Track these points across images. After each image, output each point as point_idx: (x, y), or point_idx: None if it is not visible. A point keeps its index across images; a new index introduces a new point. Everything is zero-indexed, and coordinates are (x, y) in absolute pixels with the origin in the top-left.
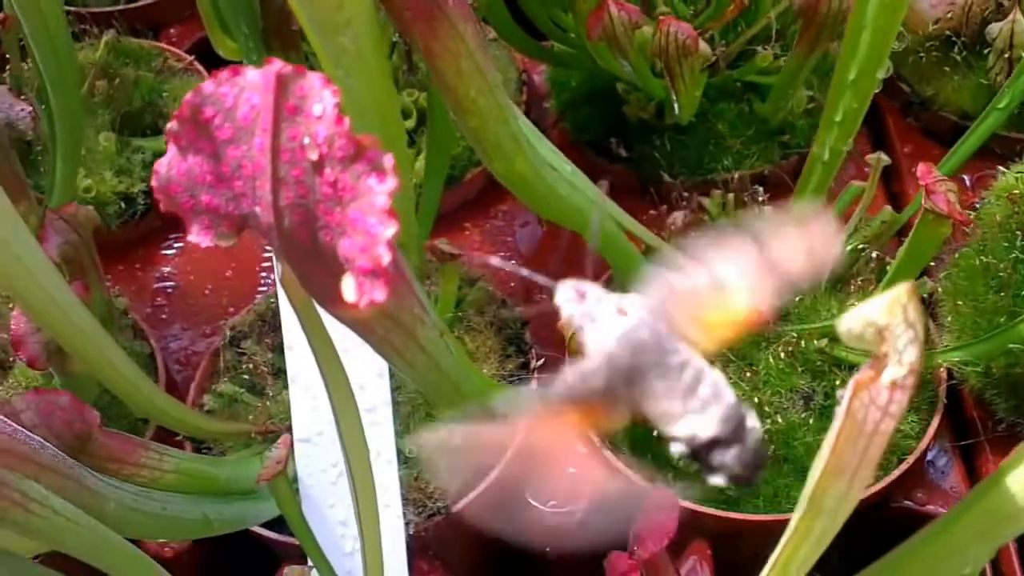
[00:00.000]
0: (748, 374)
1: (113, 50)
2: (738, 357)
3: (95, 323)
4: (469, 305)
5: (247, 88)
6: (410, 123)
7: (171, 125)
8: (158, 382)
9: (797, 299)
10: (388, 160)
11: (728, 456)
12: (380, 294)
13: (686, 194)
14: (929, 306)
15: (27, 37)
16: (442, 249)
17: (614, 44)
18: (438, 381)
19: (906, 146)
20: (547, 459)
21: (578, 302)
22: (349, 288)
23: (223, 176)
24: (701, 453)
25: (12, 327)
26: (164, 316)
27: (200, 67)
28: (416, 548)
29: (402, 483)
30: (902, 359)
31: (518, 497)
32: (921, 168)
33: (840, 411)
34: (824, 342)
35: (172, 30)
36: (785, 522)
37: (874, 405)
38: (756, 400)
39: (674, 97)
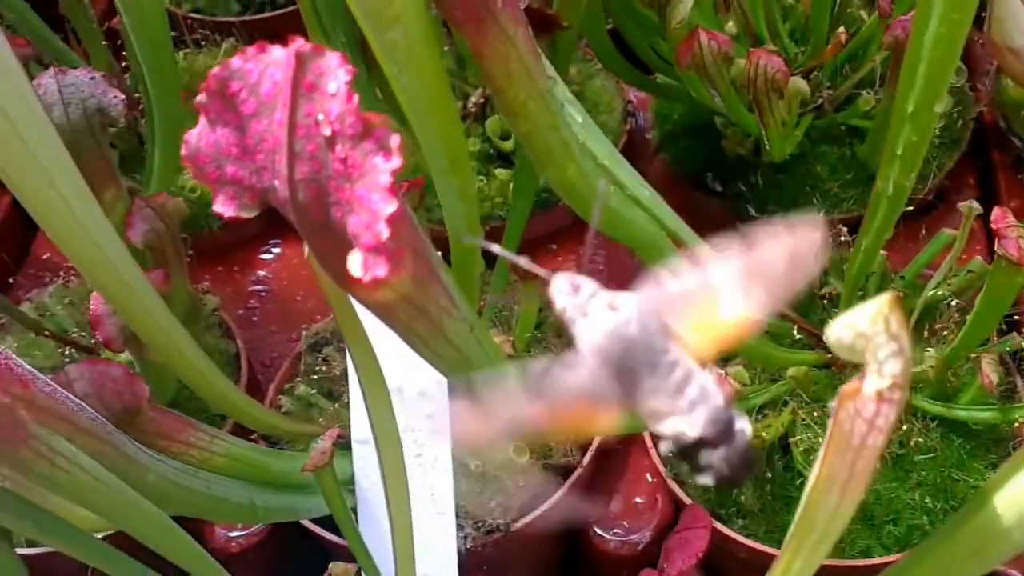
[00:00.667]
0: (816, 414)
1: None
2: (811, 399)
3: (168, 313)
4: (549, 327)
5: (271, 65)
6: (509, 144)
7: (200, 98)
8: (239, 381)
9: None
10: (394, 140)
11: (715, 457)
12: (382, 270)
13: None
14: (1017, 361)
15: (127, 31)
16: (523, 268)
17: (703, 73)
18: (467, 376)
19: (1013, 201)
20: None
21: (571, 294)
22: (355, 264)
23: (247, 149)
24: (688, 452)
25: (91, 307)
26: (255, 318)
27: None
28: (472, 564)
29: (461, 496)
30: (883, 370)
31: None
32: (995, 212)
33: (830, 422)
34: None
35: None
36: (840, 568)
37: (860, 417)
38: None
39: (763, 131)
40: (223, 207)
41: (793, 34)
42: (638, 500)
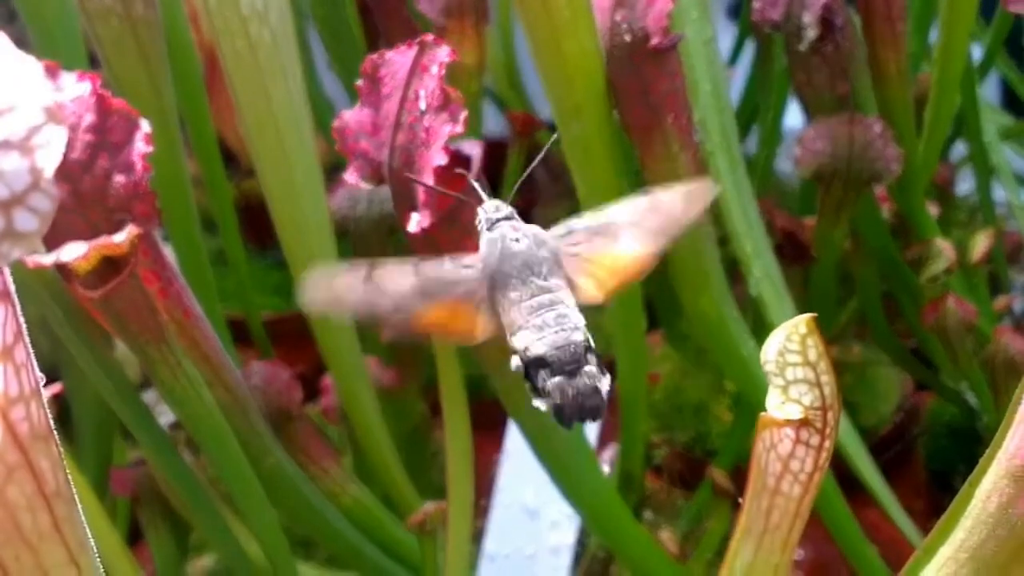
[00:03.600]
0: None
1: None
2: None
3: (374, 403)
4: None
5: (411, 56)
6: None
7: (359, 81)
8: None
9: None
10: (463, 114)
11: (552, 383)
12: (426, 219)
13: None
14: None
15: None
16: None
17: (944, 338)
18: (531, 416)
19: None
20: None
21: (491, 212)
22: (412, 222)
23: (377, 126)
24: (530, 371)
25: (325, 378)
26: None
27: None
28: None
29: None
30: (789, 391)
31: None
32: None
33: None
34: None
35: None
36: None
37: (774, 452)
38: None
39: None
40: (350, 176)
41: None
42: None
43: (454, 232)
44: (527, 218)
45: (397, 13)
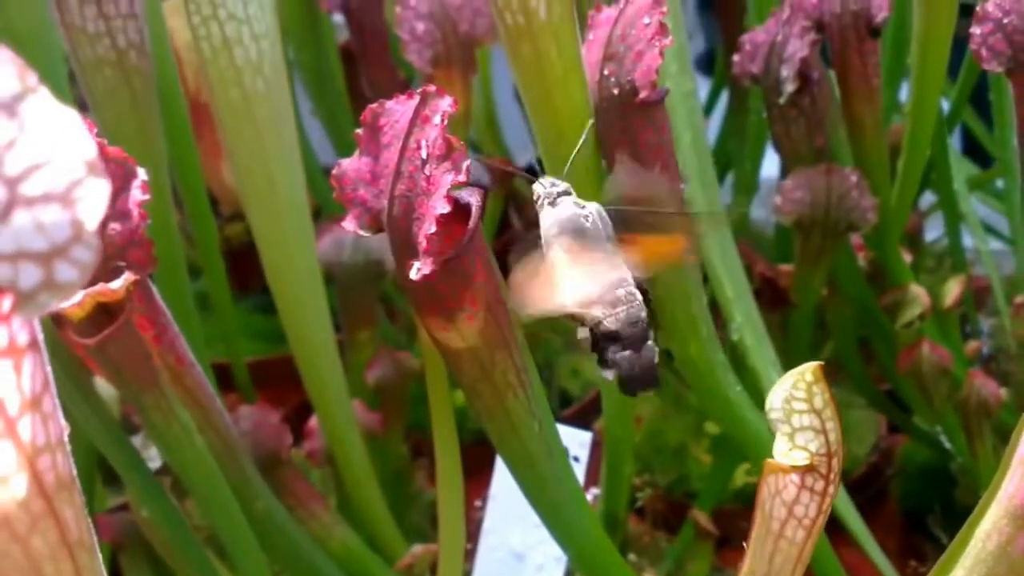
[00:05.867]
0: None
1: None
2: None
3: (361, 445)
4: None
5: (412, 106)
6: None
7: (359, 129)
8: None
9: None
10: (466, 163)
11: (620, 356)
12: (427, 267)
13: None
14: None
15: None
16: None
17: (920, 382)
18: (522, 458)
19: None
20: None
21: (548, 187)
22: (413, 269)
23: (376, 174)
24: (601, 343)
25: (311, 421)
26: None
27: None
28: None
29: None
30: (796, 437)
31: None
32: None
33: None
34: None
35: None
36: None
37: (779, 498)
38: None
39: (973, 459)
40: (349, 223)
41: None
42: None
43: (454, 281)
44: (503, 262)
45: (382, 61)
